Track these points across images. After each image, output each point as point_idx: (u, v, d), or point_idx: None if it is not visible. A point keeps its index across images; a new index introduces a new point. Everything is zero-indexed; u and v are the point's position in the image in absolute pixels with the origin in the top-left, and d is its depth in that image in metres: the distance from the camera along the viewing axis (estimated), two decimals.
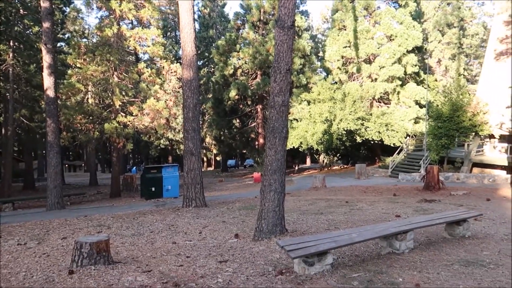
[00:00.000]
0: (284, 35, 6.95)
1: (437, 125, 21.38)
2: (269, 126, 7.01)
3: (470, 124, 20.28)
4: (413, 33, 27.79)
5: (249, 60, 31.14)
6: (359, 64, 29.21)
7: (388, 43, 28.40)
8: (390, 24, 28.29)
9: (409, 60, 28.24)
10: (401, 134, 26.79)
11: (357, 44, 28.77)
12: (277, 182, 6.91)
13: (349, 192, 15.47)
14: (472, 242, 6.11)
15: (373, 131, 26.47)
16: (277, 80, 6.92)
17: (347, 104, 26.68)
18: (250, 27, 32.41)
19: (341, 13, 30.17)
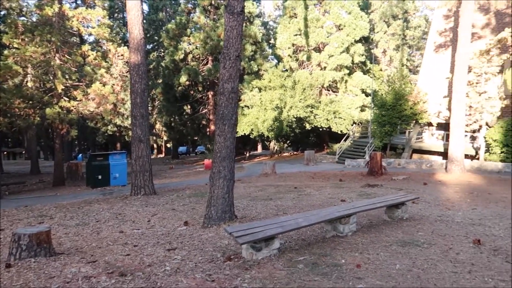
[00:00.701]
0: (234, 21, 6.90)
1: (381, 113, 22.36)
2: (219, 113, 6.98)
3: (411, 113, 21.39)
4: (361, 23, 28.66)
5: (200, 45, 30.60)
6: (309, 52, 29.71)
7: (337, 32, 29.09)
8: (339, 13, 28.95)
9: (357, 50, 29.17)
10: (348, 122, 27.77)
11: (307, 32, 29.19)
12: (226, 169, 6.93)
13: (298, 178, 15.86)
14: (409, 224, 6.52)
15: (322, 118, 27.21)
16: (226, 66, 6.88)
17: (297, 91, 27.15)
18: (201, 11, 31.77)
19: (292, 1, 30.39)
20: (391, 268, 4.24)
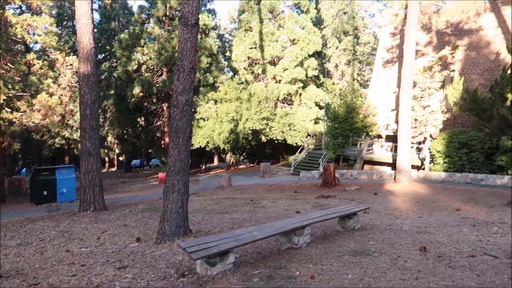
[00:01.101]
0: (188, 33, 6.86)
1: (334, 126, 23.04)
2: (173, 125, 6.86)
3: (362, 125, 22.22)
4: (314, 38, 29.57)
5: (155, 56, 30.15)
6: (264, 66, 30.16)
7: (291, 46, 29.81)
8: (293, 28, 29.72)
9: (310, 64, 30.01)
10: (303, 134, 28.35)
11: (262, 46, 29.67)
12: (180, 182, 6.80)
13: (254, 191, 15.89)
14: (361, 234, 6.70)
15: (277, 130, 27.58)
16: (180, 78, 6.80)
17: (253, 104, 27.39)
18: (155, 22, 31.37)
19: (248, 14, 30.84)
20: (344, 278, 4.32)
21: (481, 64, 21.83)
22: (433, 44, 23.97)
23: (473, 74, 21.47)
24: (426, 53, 23.43)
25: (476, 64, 21.97)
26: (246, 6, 31.20)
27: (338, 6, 42.71)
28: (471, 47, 22.61)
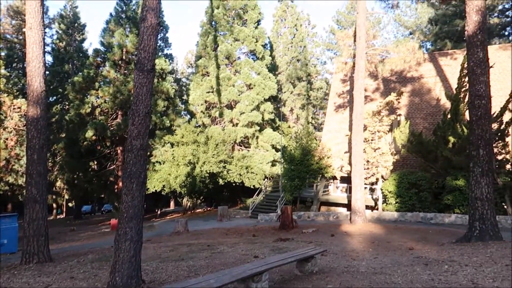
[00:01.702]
0: (144, 78, 6.88)
1: (291, 168, 23.39)
2: (126, 170, 6.68)
3: (317, 167, 22.73)
4: (269, 83, 30.58)
5: (110, 99, 29.72)
6: (221, 109, 30.55)
7: (247, 91, 30.57)
8: (250, 74, 30.65)
9: (266, 108, 30.79)
10: (260, 176, 28.48)
11: (219, 90, 30.20)
12: (133, 230, 6.52)
13: (212, 235, 15.51)
14: (319, 277, 6.67)
15: (235, 173, 27.55)
16: (135, 123, 6.73)
17: (210, 147, 27.38)
18: (111, 65, 31.19)
19: (205, 59, 31.53)
20: None
21: (424, 109, 23.41)
22: (381, 90, 25.52)
23: (418, 118, 22.92)
24: (375, 99, 24.84)
25: (420, 109, 23.53)
26: (203, 52, 31.95)
27: (291, 53, 44.76)
28: (414, 93, 24.29)
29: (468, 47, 10.56)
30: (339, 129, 25.18)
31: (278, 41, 45.88)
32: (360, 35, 17.68)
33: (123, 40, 30.98)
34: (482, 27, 10.30)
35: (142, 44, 6.94)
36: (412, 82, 24.89)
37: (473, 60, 10.34)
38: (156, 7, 7.12)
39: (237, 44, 31.15)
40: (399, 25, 45.17)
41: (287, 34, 45.47)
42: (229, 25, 31.02)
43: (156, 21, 7.09)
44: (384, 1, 19.57)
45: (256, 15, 31.70)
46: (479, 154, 10.07)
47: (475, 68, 10.30)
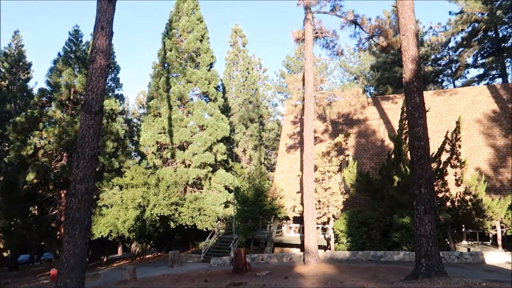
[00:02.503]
0: (91, 119, 6.71)
1: (244, 209, 23.22)
2: (69, 216, 6.32)
3: (270, 208, 22.75)
4: (222, 124, 30.82)
5: (54, 140, 28.36)
6: (173, 150, 30.15)
7: (200, 132, 30.55)
8: (202, 115, 30.78)
9: (219, 149, 30.81)
10: (213, 218, 27.96)
11: (171, 131, 29.93)
12: (74, 281, 6.08)
13: (161, 283, 14.76)
14: None
15: (187, 216, 26.84)
16: (80, 166, 6.46)
17: (161, 189, 26.65)
18: (57, 105, 30.04)
19: (157, 100, 31.36)
20: None
21: (370, 150, 24.54)
22: (329, 131, 26.54)
23: (365, 158, 23.92)
24: (324, 140, 25.74)
25: (366, 150, 24.63)
26: (155, 93, 31.83)
27: (244, 95, 45.77)
28: (360, 134, 25.48)
29: (406, 92, 11.38)
30: (291, 170, 25.62)
31: (231, 83, 46.90)
32: (308, 80, 18.52)
33: (71, 80, 30.16)
34: (418, 74, 11.19)
35: (90, 86, 6.84)
36: (358, 124, 26.17)
37: (411, 104, 11.12)
38: (106, 49, 7.10)
39: (190, 86, 31.41)
40: (344, 71, 48.06)
41: (239, 77, 46.67)
42: (182, 67, 31.35)
43: (106, 63, 7.04)
44: (329, 48, 20.78)
45: (208, 58, 32.38)
46: (421, 192, 10.60)
47: (413, 112, 11.07)
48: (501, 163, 21.27)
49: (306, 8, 18.99)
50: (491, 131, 22.63)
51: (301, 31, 19.48)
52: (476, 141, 22.46)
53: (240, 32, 47.68)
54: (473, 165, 21.10)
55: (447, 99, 25.15)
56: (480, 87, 26.43)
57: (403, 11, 11.48)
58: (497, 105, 23.63)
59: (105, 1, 8.54)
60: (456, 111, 23.18)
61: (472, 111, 23.76)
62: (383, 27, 19.42)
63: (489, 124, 22.96)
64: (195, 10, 33.20)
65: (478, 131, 22.84)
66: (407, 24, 11.35)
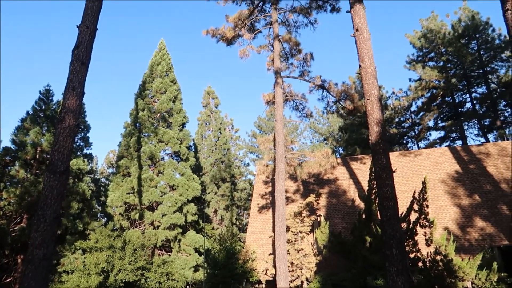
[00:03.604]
0: (55, 180, 6.48)
1: (214, 273, 22.26)
2: (23, 285, 5.85)
3: (242, 271, 21.91)
4: (193, 184, 30.41)
5: (15, 201, 26.96)
6: (142, 211, 29.21)
7: (170, 192, 29.95)
8: (173, 175, 30.38)
9: (190, 209, 30.10)
10: (181, 284, 26.53)
11: (141, 191, 29.20)
12: None
13: None
14: None
15: (154, 281, 25.34)
16: (40, 229, 6.11)
17: (127, 252, 25.32)
18: (21, 164, 28.93)
19: (127, 160, 30.87)
20: None
21: (342, 209, 24.66)
22: (301, 191, 26.66)
23: (336, 218, 23.93)
24: (296, 200, 25.74)
25: (338, 209, 24.73)
26: (126, 152, 31.42)
27: (215, 155, 45.90)
28: (331, 194, 25.71)
29: (373, 154, 11.76)
30: (263, 230, 25.19)
31: (203, 143, 47.14)
32: (279, 140, 18.91)
33: (38, 138, 29.44)
34: (383, 136, 11.66)
35: (57, 145, 6.69)
36: (329, 184, 26.49)
37: (378, 165, 11.45)
38: (75, 110, 7.07)
39: (161, 146, 31.29)
40: (314, 132, 49.53)
41: (212, 137, 47.09)
42: (153, 127, 31.42)
43: (75, 123, 6.98)
44: (299, 111, 21.59)
45: (181, 118, 32.71)
46: (393, 253, 10.57)
47: (381, 173, 11.36)
48: (468, 223, 21.77)
49: (276, 72, 19.90)
50: (456, 191, 23.39)
51: (272, 94, 20.23)
52: (443, 201, 23.07)
53: (212, 94, 48.93)
54: (441, 224, 21.48)
55: (412, 160, 26.10)
56: (443, 149, 27.71)
57: (366, 77, 12.21)
58: (459, 166, 24.68)
59: (79, 63, 8.67)
60: (422, 172, 23.99)
61: (437, 172, 24.66)
62: (349, 92, 20.49)
63: (453, 184, 23.79)
64: (169, 72, 34.07)
65: (443, 191, 23.55)
66: (371, 90, 12.02)
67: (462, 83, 36.31)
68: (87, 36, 9.30)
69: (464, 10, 35.35)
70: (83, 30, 9.33)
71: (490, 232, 21.07)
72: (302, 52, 22.04)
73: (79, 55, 8.99)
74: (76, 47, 9.19)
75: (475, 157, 24.96)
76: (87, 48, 9.26)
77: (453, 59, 35.16)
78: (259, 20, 22.80)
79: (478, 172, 24.05)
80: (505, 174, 23.37)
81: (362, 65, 12.38)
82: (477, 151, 25.39)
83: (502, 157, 24.34)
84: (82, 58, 8.98)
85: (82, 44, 9.17)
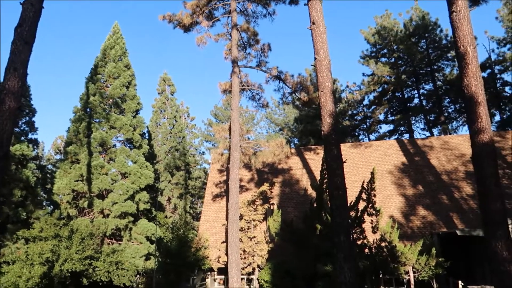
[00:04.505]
0: None
1: (166, 261, 22.06)
2: None
3: (194, 259, 21.88)
4: (146, 172, 29.74)
5: None
6: (91, 199, 28.20)
7: (122, 180, 29.11)
8: (125, 162, 29.51)
9: (142, 197, 29.46)
10: (132, 273, 25.98)
11: (90, 178, 28.14)
12: None
13: None
14: None
15: (102, 271, 24.63)
16: None
17: (75, 242, 24.38)
18: None
19: (76, 146, 29.54)
20: None
21: (294, 198, 25.20)
22: (255, 180, 26.91)
23: (289, 207, 24.44)
24: (250, 188, 25.97)
25: (290, 198, 25.25)
26: (75, 138, 30.04)
27: (170, 143, 45.13)
28: (285, 183, 26.18)
29: (325, 144, 12.10)
30: (217, 219, 25.23)
31: (157, 131, 46.13)
32: (235, 129, 18.92)
33: None
34: (335, 128, 12.00)
35: None
36: (282, 173, 26.94)
37: (330, 156, 11.80)
38: (17, 91, 6.66)
39: (113, 132, 30.23)
40: (270, 122, 50.00)
41: (167, 125, 46.19)
42: (105, 112, 30.24)
43: (16, 105, 6.57)
44: (255, 100, 21.69)
45: (135, 105, 31.74)
46: (341, 240, 10.99)
47: (332, 163, 11.72)
48: (411, 211, 23.05)
49: (233, 62, 19.80)
50: (402, 182, 24.65)
51: (228, 83, 20.14)
52: (389, 191, 24.23)
53: (168, 81, 47.87)
54: (387, 213, 22.57)
55: (362, 151, 27.11)
56: (391, 141, 29.02)
57: (321, 70, 12.46)
58: (405, 158, 25.98)
59: (21, 42, 8.14)
60: (371, 163, 25.00)
61: (385, 163, 25.81)
62: (305, 84, 20.83)
63: (400, 175, 25.04)
64: (123, 57, 32.81)
65: (390, 181, 24.73)
66: (325, 82, 12.30)
67: (411, 79, 38.08)
68: (31, 14, 8.74)
69: (415, 10, 36.87)
70: (27, 8, 8.75)
71: (431, 220, 22.46)
72: (260, 43, 22.08)
73: (22, 33, 8.43)
74: (19, 25, 8.60)
75: (420, 149, 26.37)
76: (31, 27, 8.70)
77: (404, 56, 36.72)
78: (217, 8, 22.49)
79: (422, 164, 25.46)
80: (446, 166, 24.92)
81: (317, 58, 12.61)
82: (422, 144, 26.82)
83: (444, 150, 25.90)
84: (26, 37, 8.43)
85: (25, 23, 8.61)
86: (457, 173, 24.40)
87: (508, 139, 25.24)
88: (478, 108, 10.40)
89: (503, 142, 25.05)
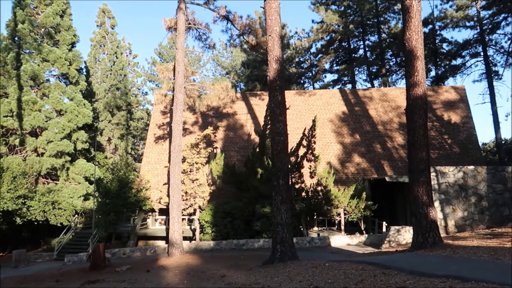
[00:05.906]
0: None
1: (106, 202, 21.84)
2: None
3: (135, 200, 21.85)
4: (84, 110, 28.27)
5: None
6: (23, 136, 26.52)
7: (57, 117, 27.52)
8: (60, 99, 27.72)
9: (80, 137, 28.24)
10: (70, 212, 25.49)
11: (21, 114, 26.24)
12: None
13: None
14: None
15: (37, 210, 23.89)
16: None
17: (6, 180, 23.17)
18: None
19: (3, 78, 27.06)
20: None
21: (238, 143, 25.51)
22: (199, 123, 26.70)
23: (232, 151, 24.77)
24: (194, 131, 25.79)
25: (234, 143, 25.53)
26: (2, 70, 27.39)
27: (110, 81, 42.83)
28: (229, 128, 26.27)
29: (270, 90, 12.12)
30: (159, 161, 25.04)
31: (96, 67, 43.33)
32: (179, 70, 18.28)
33: None
34: (280, 74, 12.01)
35: None
36: (227, 117, 26.92)
37: (274, 102, 11.90)
38: None
39: (47, 65, 27.93)
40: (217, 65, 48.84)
41: (107, 61, 43.47)
42: (37, 43, 27.64)
43: None
44: (202, 41, 20.87)
45: (70, 37, 29.27)
46: (279, 184, 11.45)
47: (275, 109, 11.86)
48: (347, 159, 24.39)
49: None
50: (341, 130, 25.74)
51: (174, 20, 19.08)
52: (329, 138, 25.28)
53: (108, 13, 44.35)
54: (325, 159, 23.72)
55: (306, 99, 27.65)
56: (334, 91, 29.78)
57: (270, 13, 12.16)
58: (346, 107, 26.95)
59: None
60: (314, 111, 25.67)
61: (327, 112, 26.63)
62: (253, 26, 20.30)
63: (339, 123, 26.07)
64: None
65: (330, 129, 25.73)
66: (273, 26, 12.07)
67: (358, 30, 38.52)
68: None
69: None
70: None
71: (364, 167, 24.00)
72: None
73: None
74: None
75: (360, 100, 27.41)
76: None
77: (353, 6, 36.74)
78: None
79: (361, 114, 26.62)
80: (382, 117, 26.30)
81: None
82: (362, 95, 27.86)
83: (382, 101, 27.16)
84: None
85: None
86: (391, 124, 25.89)
87: (440, 94, 26.95)
88: (416, 62, 10.87)
89: (435, 96, 26.73)
